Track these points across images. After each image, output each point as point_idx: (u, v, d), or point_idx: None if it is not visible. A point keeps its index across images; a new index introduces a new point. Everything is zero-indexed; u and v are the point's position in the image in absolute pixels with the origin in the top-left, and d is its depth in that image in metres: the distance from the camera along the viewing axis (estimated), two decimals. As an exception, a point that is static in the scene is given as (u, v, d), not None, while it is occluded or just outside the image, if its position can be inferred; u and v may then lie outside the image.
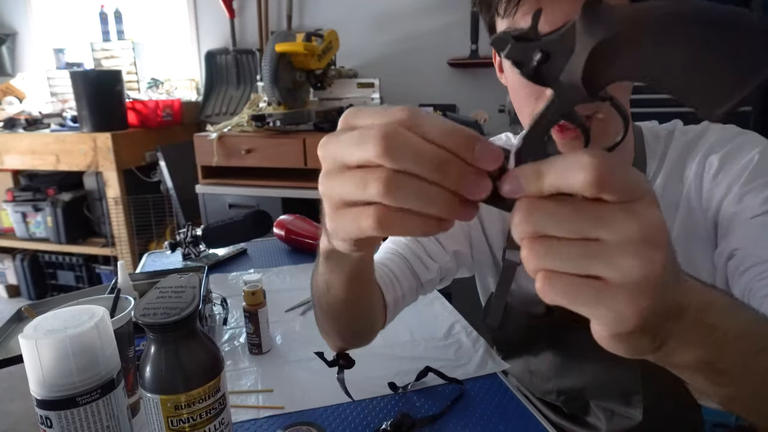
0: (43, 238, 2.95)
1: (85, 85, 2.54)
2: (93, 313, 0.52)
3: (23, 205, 2.93)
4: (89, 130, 2.58)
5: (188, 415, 0.48)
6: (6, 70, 3.40)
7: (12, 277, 3.11)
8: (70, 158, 2.64)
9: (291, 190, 2.24)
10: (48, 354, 0.47)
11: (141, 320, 0.47)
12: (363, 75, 2.65)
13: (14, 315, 0.75)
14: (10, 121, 2.80)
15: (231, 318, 1.00)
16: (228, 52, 3.00)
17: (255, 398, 0.76)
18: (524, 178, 0.28)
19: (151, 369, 0.48)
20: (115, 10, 3.10)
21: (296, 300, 1.07)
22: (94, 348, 0.50)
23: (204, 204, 2.43)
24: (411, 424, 0.68)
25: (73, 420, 0.49)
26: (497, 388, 0.77)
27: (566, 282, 0.28)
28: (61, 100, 3.02)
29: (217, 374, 0.50)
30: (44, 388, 0.48)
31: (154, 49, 3.18)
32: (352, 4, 2.77)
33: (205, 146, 2.33)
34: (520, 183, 0.28)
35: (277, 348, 0.91)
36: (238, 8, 2.98)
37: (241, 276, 1.19)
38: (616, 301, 0.27)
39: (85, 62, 3.14)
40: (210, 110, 2.98)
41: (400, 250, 0.74)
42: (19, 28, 3.42)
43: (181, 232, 1.26)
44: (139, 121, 2.74)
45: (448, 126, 0.29)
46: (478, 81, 2.63)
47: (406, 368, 0.81)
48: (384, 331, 0.72)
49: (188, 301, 0.49)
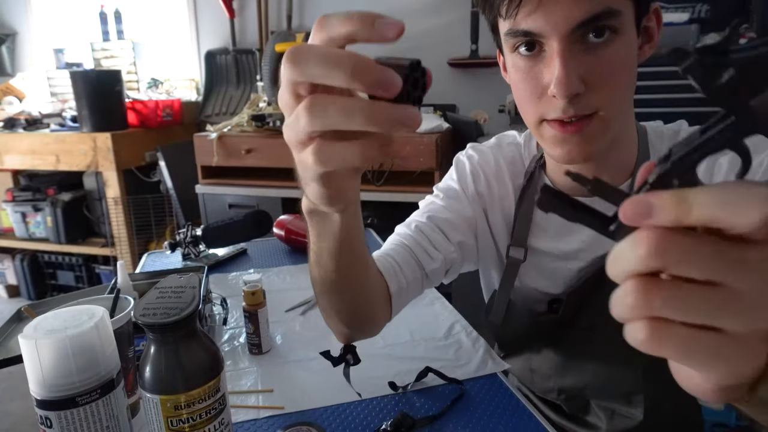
0: (43, 238, 2.95)
1: (85, 85, 2.54)
2: (93, 313, 0.52)
3: (23, 205, 2.93)
4: (89, 130, 2.58)
5: (188, 415, 0.48)
6: (6, 70, 3.40)
7: (12, 277, 3.11)
8: (70, 158, 2.64)
9: (291, 190, 2.24)
10: (48, 354, 0.47)
11: (141, 320, 0.47)
12: (363, 75, 2.65)
13: (14, 315, 0.75)
14: (10, 121, 2.79)
15: (231, 318, 1.00)
16: (228, 52, 3.00)
17: (255, 398, 0.76)
18: (662, 203, 0.24)
19: (151, 369, 0.48)
20: (115, 10, 3.10)
21: (296, 300, 1.07)
22: (94, 348, 0.50)
23: (204, 204, 2.43)
24: (411, 424, 0.68)
25: (73, 420, 0.49)
26: (497, 388, 0.77)
27: (683, 335, 0.24)
28: (61, 100, 3.02)
29: (217, 374, 0.50)
30: (44, 388, 0.48)
31: (154, 49, 3.18)
32: (352, 4, 2.76)
33: (205, 146, 2.33)
34: (652, 208, 0.24)
35: (277, 348, 0.90)
36: (238, 8, 2.98)
37: (241, 276, 1.19)
38: (737, 356, 0.24)
39: (85, 62, 3.14)
40: (210, 110, 2.98)
41: (404, 241, 0.74)
42: (19, 28, 3.42)
43: (180, 232, 1.26)
44: (139, 121, 2.74)
45: (342, 17, 0.31)
46: (478, 81, 2.63)
47: (406, 368, 0.81)
48: (384, 331, 0.72)
49: (188, 301, 0.49)
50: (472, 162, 0.82)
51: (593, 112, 0.60)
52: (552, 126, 0.62)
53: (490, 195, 0.80)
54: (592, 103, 0.59)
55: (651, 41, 0.65)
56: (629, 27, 0.59)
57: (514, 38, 0.61)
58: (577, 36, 0.57)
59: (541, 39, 0.58)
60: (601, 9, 0.56)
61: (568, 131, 0.61)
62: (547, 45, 0.58)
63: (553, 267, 0.76)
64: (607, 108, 0.60)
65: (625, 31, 0.58)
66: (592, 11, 0.55)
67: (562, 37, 0.57)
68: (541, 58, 0.60)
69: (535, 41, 0.59)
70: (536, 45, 0.60)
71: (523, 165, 0.80)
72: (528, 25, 0.58)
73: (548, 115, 0.61)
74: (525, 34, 0.59)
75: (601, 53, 0.58)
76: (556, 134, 0.62)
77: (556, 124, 0.61)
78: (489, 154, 0.82)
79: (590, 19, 0.56)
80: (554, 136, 0.62)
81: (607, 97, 0.59)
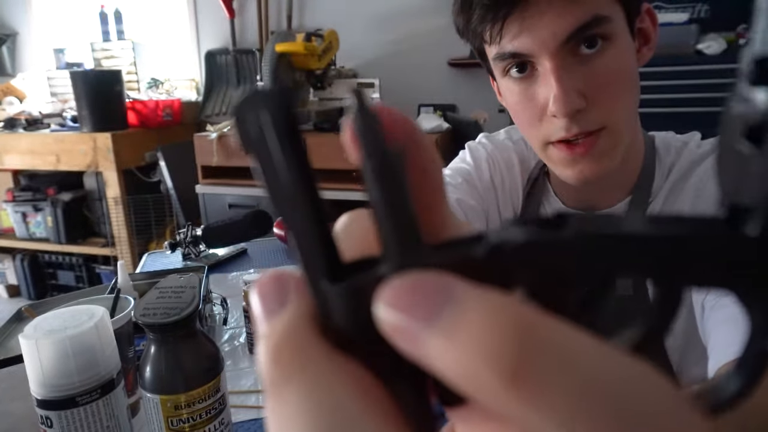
0: (43, 238, 2.95)
1: (85, 85, 2.54)
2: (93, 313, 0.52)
3: (23, 205, 2.93)
4: (89, 130, 2.58)
5: (188, 415, 0.48)
6: (6, 70, 3.40)
7: (12, 277, 3.11)
8: (70, 158, 2.64)
9: (291, 190, 2.24)
10: (48, 354, 0.47)
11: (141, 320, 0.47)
12: (363, 75, 2.65)
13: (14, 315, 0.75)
14: (10, 121, 2.80)
15: (231, 318, 1.00)
16: (228, 52, 3.00)
17: (255, 398, 0.76)
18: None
19: (151, 369, 0.48)
20: (115, 10, 3.10)
21: (296, 300, 1.07)
22: (94, 348, 0.50)
23: (204, 204, 2.43)
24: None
25: (73, 420, 0.49)
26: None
27: None
28: (61, 100, 3.02)
29: (217, 374, 0.50)
30: (44, 388, 0.48)
31: (154, 49, 3.18)
32: (352, 4, 2.77)
33: (205, 146, 2.33)
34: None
35: (277, 348, 0.90)
36: (238, 8, 2.98)
37: (241, 276, 1.18)
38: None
39: (85, 62, 3.14)
40: (210, 110, 2.98)
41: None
42: (19, 28, 3.42)
43: (180, 232, 1.26)
44: (139, 121, 2.74)
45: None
46: (478, 81, 2.63)
47: (406, 368, 0.81)
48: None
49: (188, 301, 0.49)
50: (488, 151, 0.78)
51: (600, 128, 0.56)
52: (559, 148, 0.59)
53: (503, 188, 0.77)
54: (596, 119, 0.56)
55: (648, 43, 0.62)
56: (622, 32, 0.56)
57: (503, 62, 0.58)
58: (568, 49, 0.54)
59: (532, 59, 0.56)
60: (588, 17, 0.53)
61: (577, 153, 0.57)
62: (539, 64, 0.56)
63: None
64: (613, 121, 0.57)
65: (619, 37, 0.55)
66: (578, 21, 0.53)
67: (552, 54, 0.54)
68: (534, 79, 0.57)
69: (526, 62, 0.57)
70: (527, 65, 0.57)
71: (531, 165, 0.77)
72: (515, 46, 0.56)
73: (552, 137, 0.58)
74: (513, 56, 0.57)
75: (596, 63, 0.55)
76: (565, 156, 0.58)
77: (563, 146, 0.58)
78: (504, 146, 0.79)
79: (578, 29, 0.53)
80: (563, 158, 0.59)
81: (610, 109, 0.56)
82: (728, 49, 2.01)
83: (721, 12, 2.17)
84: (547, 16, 0.53)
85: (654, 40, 0.62)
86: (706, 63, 2.01)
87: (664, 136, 0.70)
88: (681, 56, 2.03)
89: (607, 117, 0.56)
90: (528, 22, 0.54)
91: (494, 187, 0.76)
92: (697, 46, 2.06)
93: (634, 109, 0.61)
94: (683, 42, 2.06)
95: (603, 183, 0.65)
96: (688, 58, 2.04)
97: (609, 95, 0.56)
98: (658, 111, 1.97)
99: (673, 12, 2.13)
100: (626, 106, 0.58)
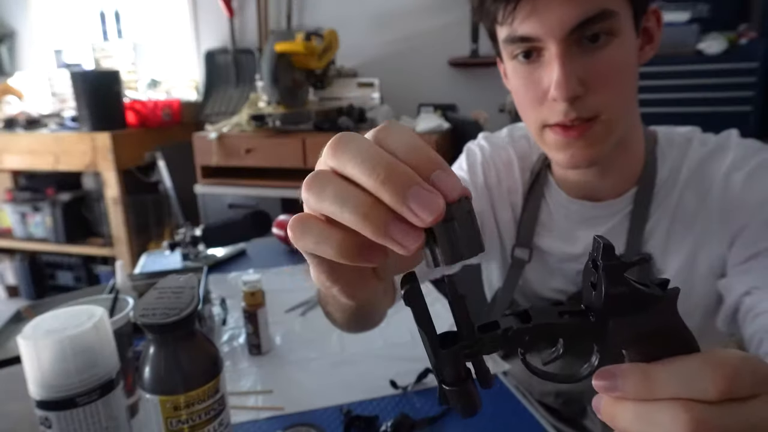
0: (42, 238, 2.95)
1: (84, 85, 2.53)
2: (92, 314, 0.51)
3: (22, 205, 2.93)
4: (88, 130, 2.57)
5: (187, 415, 0.48)
6: (5, 70, 3.39)
7: (11, 278, 3.10)
8: (69, 158, 2.64)
9: (291, 190, 2.24)
10: (47, 354, 0.47)
11: (140, 321, 0.47)
12: (363, 75, 2.65)
13: (13, 315, 0.75)
14: (9, 121, 2.79)
15: (230, 318, 1.00)
16: (227, 52, 2.99)
17: (254, 399, 0.76)
18: (626, 379, 0.27)
19: (150, 369, 0.48)
20: (115, 11, 3.09)
21: (296, 300, 1.07)
22: (93, 348, 0.49)
23: (203, 204, 2.42)
24: (411, 425, 0.68)
25: (73, 420, 0.49)
26: (497, 389, 0.76)
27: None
28: (61, 100, 3.01)
29: (216, 375, 0.50)
30: (43, 389, 0.48)
31: (154, 49, 3.18)
32: (352, 3, 2.76)
33: (205, 146, 2.32)
34: (616, 383, 0.27)
35: (277, 349, 0.90)
36: (238, 7, 2.97)
37: (240, 276, 1.18)
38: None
39: (84, 62, 3.14)
40: (209, 110, 2.97)
41: None
42: (18, 27, 3.42)
43: (180, 232, 1.26)
44: (138, 121, 2.74)
45: (411, 140, 0.26)
46: (478, 81, 2.63)
47: (406, 369, 0.81)
48: (384, 331, 0.72)
49: (187, 301, 0.49)
50: (484, 153, 0.81)
51: (595, 115, 0.59)
52: (554, 131, 0.62)
53: (499, 189, 0.79)
54: (593, 106, 0.59)
55: (651, 42, 0.64)
56: (627, 28, 0.59)
57: (512, 45, 0.61)
58: (573, 39, 0.57)
59: (540, 44, 0.58)
60: (595, 11, 0.55)
61: (571, 135, 0.60)
62: (546, 49, 0.58)
63: (558, 268, 0.76)
64: (608, 110, 0.59)
65: (623, 33, 0.58)
66: (587, 13, 0.55)
67: (559, 40, 0.56)
68: (540, 64, 0.60)
69: (534, 48, 0.59)
70: (534, 52, 0.60)
71: (532, 160, 0.79)
72: (525, 30, 0.58)
73: (550, 120, 0.61)
74: (523, 40, 0.59)
75: (599, 55, 0.57)
76: (559, 139, 0.61)
77: (559, 129, 0.61)
78: (501, 145, 0.81)
79: (585, 21, 0.55)
80: (557, 140, 0.62)
81: (607, 99, 0.59)
82: (729, 49, 2.01)
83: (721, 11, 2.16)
84: (557, 2, 0.55)
85: (657, 40, 0.64)
86: (707, 63, 2.01)
87: (666, 130, 0.73)
88: (681, 56, 2.03)
89: (603, 106, 0.59)
90: (539, 6, 0.56)
91: (488, 188, 0.79)
92: (697, 45, 2.06)
93: (631, 102, 0.64)
94: (684, 41, 2.06)
95: (605, 174, 0.68)
96: (688, 58, 2.04)
97: (607, 86, 0.58)
98: (658, 111, 1.97)
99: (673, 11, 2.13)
100: (623, 97, 0.61)
